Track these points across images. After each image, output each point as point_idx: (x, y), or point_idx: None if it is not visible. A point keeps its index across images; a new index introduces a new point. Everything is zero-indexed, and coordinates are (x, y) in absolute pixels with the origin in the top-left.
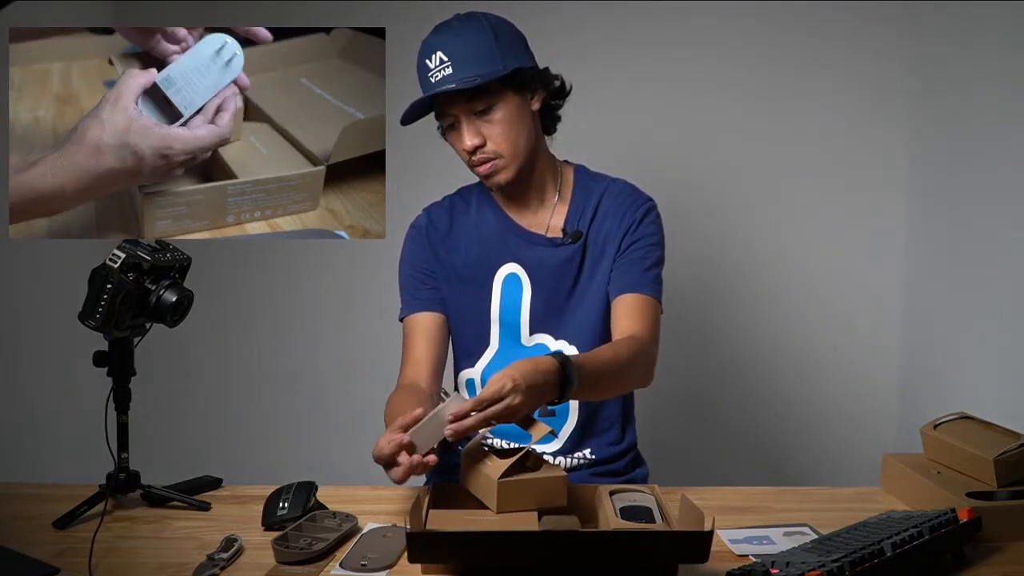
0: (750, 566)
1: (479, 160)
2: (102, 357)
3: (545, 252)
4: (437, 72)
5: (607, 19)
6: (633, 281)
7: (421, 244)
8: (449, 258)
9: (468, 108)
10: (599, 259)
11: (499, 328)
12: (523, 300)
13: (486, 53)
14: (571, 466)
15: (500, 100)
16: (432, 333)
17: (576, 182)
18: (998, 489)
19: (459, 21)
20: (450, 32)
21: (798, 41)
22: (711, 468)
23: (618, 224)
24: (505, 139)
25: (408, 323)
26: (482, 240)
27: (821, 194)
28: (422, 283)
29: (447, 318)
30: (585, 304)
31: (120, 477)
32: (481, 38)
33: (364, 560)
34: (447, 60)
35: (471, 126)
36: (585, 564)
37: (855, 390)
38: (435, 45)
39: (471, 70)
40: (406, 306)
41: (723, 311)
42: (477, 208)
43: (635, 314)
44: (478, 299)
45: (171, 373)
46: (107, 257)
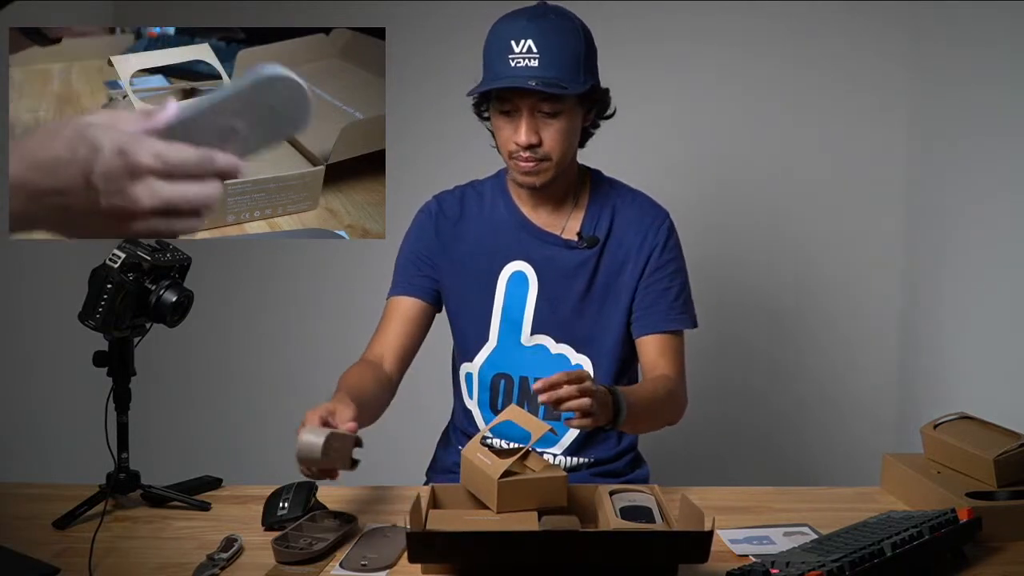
0: (750, 566)
1: (528, 157)
2: (102, 357)
3: (558, 253)
4: (521, 59)
5: (607, 20)
6: (662, 318)
7: (427, 230)
8: (455, 247)
9: (535, 105)
10: (618, 273)
11: (499, 325)
12: (528, 299)
13: (573, 61)
14: (571, 466)
15: (567, 109)
16: (411, 319)
17: (592, 187)
18: (998, 489)
19: (556, 16)
20: (547, 25)
21: (798, 41)
22: (711, 468)
23: (640, 242)
24: (558, 145)
25: (391, 303)
26: (493, 233)
27: (820, 194)
28: (417, 268)
29: (432, 309)
30: (601, 316)
31: (120, 477)
32: (574, 44)
33: (364, 560)
34: (536, 52)
35: (532, 122)
36: (585, 564)
37: (855, 390)
38: (528, 32)
39: (556, 72)
40: (396, 287)
41: (722, 312)
42: (491, 201)
43: (667, 353)
44: (481, 293)
45: (171, 373)
46: (107, 257)
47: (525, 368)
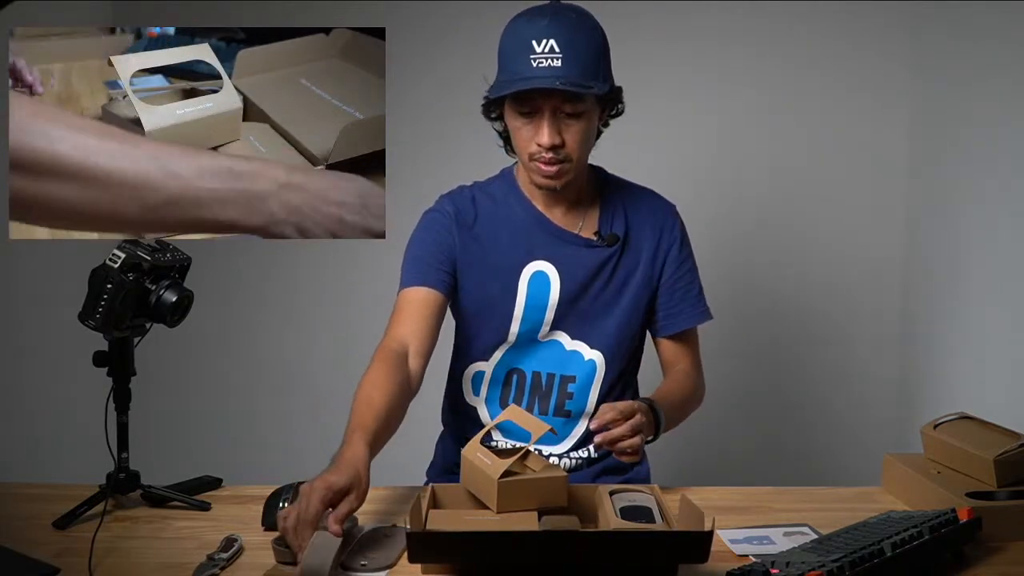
0: (750, 566)
1: (550, 159)
2: (102, 357)
3: (578, 252)
4: (543, 59)
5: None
6: (687, 318)
7: (447, 228)
8: (473, 248)
9: (558, 107)
10: (633, 270)
11: (519, 325)
12: (550, 298)
13: (594, 62)
14: (571, 467)
15: (588, 109)
16: (431, 312)
17: (602, 185)
18: (998, 489)
19: (577, 16)
20: (569, 25)
21: (799, 41)
22: (711, 468)
23: (655, 239)
24: (579, 146)
25: (408, 294)
26: (511, 233)
27: (820, 194)
28: (436, 262)
29: (446, 301)
30: (616, 312)
31: (120, 477)
32: (595, 44)
33: (364, 560)
34: (559, 52)
35: (554, 123)
36: (585, 564)
37: (855, 390)
38: (550, 32)
39: (579, 71)
40: (411, 277)
41: (722, 312)
42: (504, 201)
43: (688, 347)
44: (502, 293)
45: (171, 373)
46: (107, 257)
47: (538, 363)
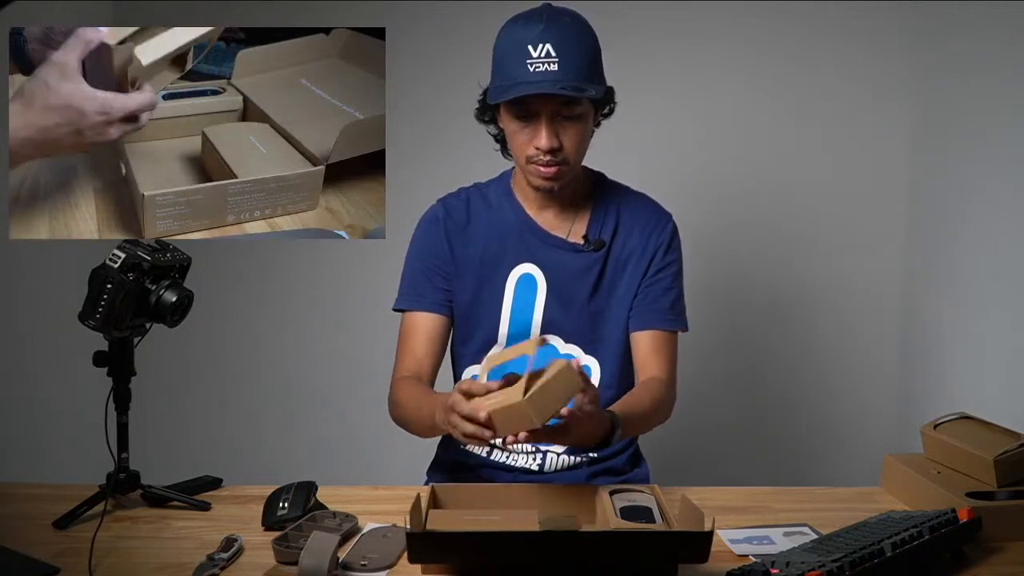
0: (750, 566)
1: (549, 162)
2: (102, 357)
3: (565, 256)
4: (540, 63)
5: (603, 17)
6: (661, 317)
7: (437, 236)
8: (463, 251)
9: (556, 110)
10: (620, 274)
11: (508, 327)
12: (537, 301)
13: (590, 64)
14: (571, 465)
15: (585, 112)
16: (436, 337)
17: (596, 189)
18: (998, 489)
19: (571, 19)
20: (564, 29)
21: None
22: (711, 468)
23: (644, 244)
24: (576, 149)
25: (413, 320)
26: (500, 237)
27: (820, 194)
28: (430, 279)
29: (449, 321)
30: (607, 317)
31: (120, 477)
32: (590, 47)
33: (364, 560)
34: (555, 56)
35: (552, 126)
36: (585, 564)
37: (855, 390)
38: (546, 36)
39: (576, 75)
40: (409, 299)
41: (722, 312)
42: (496, 204)
43: (660, 352)
44: (490, 295)
45: (171, 373)
46: (107, 257)
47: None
